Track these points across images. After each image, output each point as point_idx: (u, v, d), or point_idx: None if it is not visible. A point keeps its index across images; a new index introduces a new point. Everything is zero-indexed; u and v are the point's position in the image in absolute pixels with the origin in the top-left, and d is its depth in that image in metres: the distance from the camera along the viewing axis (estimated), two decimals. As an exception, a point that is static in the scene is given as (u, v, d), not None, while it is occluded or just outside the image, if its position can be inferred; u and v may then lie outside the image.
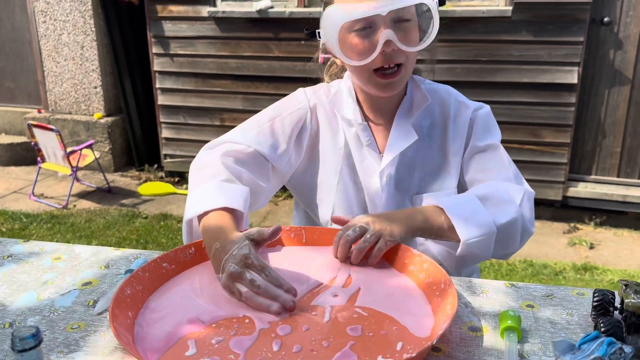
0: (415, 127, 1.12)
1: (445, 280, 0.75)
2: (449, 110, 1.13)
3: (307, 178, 1.19)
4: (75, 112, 4.91)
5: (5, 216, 3.70)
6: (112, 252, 1.00)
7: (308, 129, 1.16)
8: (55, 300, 0.82)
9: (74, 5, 4.59)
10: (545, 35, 3.50)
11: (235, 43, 4.12)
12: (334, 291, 0.80)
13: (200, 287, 0.82)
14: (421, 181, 1.13)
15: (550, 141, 3.70)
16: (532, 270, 3.14)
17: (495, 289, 0.85)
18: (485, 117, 1.14)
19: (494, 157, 1.11)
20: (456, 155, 1.12)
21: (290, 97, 1.20)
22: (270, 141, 1.12)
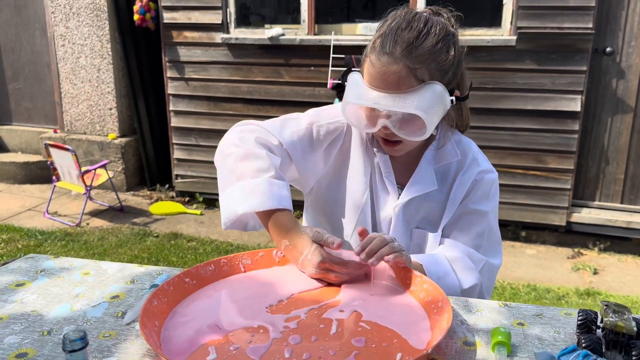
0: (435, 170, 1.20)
1: (443, 299, 0.83)
2: (464, 163, 1.20)
3: (331, 192, 1.26)
4: (90, 133, 5.05)
5: (21, 233, 3.80)
6: (136, 269, 1.08)
7: (339, 144, 1.23)
8: (87, 312, 0.90)
9: (92, 30, 4.76)
10: (548, 64, 3.60)
11: (247, 68, 4.25)
12: (341, 307, 0.88)
13: (219, 300, 0.90)
14: (423, 219, 1.21)
15: (555, 167, 3.77)
16: (535, 294, 3.18)
17: (490, 308, 0.92)
18: (489, 183, 1.20)
19: (476, 224, 1.19)
20: (453, 206, 1.19)
21: (332, 108, 1.26)
22: (302, 145, 1.20)
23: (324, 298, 0.91)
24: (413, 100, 1.03)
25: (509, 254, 3.77)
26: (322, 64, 3.97)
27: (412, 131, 1.08)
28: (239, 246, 3.77)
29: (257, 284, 0.96)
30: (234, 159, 1.12)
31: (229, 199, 1.08)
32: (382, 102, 1.05)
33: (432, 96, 1.04)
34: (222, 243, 3.82)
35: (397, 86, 1.04)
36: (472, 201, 1.19)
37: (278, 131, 1.19)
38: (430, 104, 1.04)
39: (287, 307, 0.88)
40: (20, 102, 5.45)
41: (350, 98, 1.09)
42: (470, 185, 1.18)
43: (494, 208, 1.21)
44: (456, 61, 1.11)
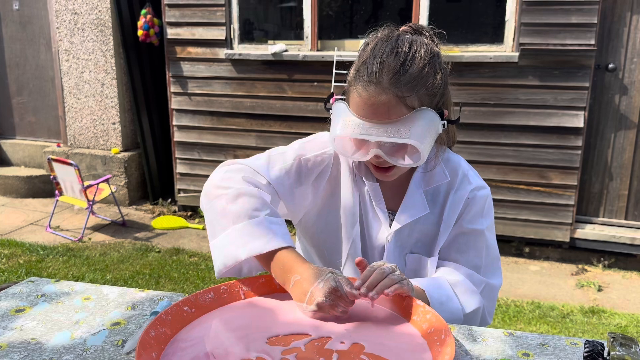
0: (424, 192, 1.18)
1: (445, 331, 0.82)
2: (454, 182, 1.17)
3: (320, 223, 1.24)
4: (93, 147, 5.06)
5: (23, 248, 3.80)
6: (137, 294, 1.07)
7: (327, 175, 1.20)
8: (87, 340, 0.89)
9: (97, 45, 4.80)
10: (551, 80, 3.61)
11: (251, 84, 4.27)
12: (341, 338, 0.87)
13: (217, 328, 0.89)
14: (417, 243, 1.19)
15: (558, 183, 3.76)
16: (540, 312, 3.16)
17: (495, 337, 0.91)
18: (482, 200, 1.17)
19: (473, 243, 1.17)
20: (447, 227, 1.17)
21: (317, 139, 1.23)
22: (289, 181, 1.17)
23: (324, 326, 0.90)
24: (405, 129, 1.01)
25: (512, 270, 3.75)
26: (325, 79, 3.99)
27: (405, 157, 1.07)
28: (241, 262, 3.75)
29: (257, 312, 0.95)
30: (225, 201, 1.07)
31: (225, 244, 1.03)
32: (373, 132, 1.02)
33: (424, 123, 1.02)
34: (224, 258, 3.80)
35: (387, 116, 1.02)
36: (467, 220, 1.16)
37: (265, 169, 1.17)
38: (423, 131, 1.02)
39: (286, 337, 0.86)
40: (24, 116, 5.48)
41: (339, 130, 1.06)
42: (463, 205, 1.16)
43: (490, 225, 1.19)
44: (443, 83, 1.08)
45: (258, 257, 1.04)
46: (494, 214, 1.22)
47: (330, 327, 0.90)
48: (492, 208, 1.20)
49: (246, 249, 1.00)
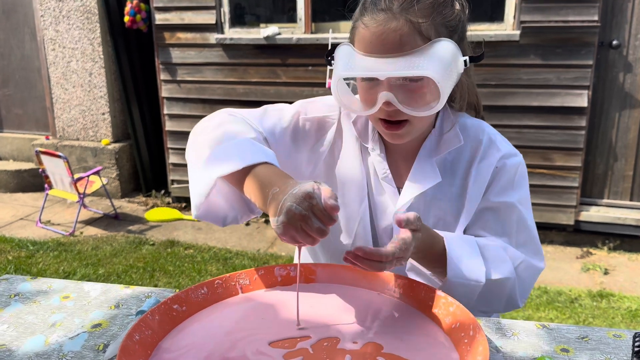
0: (438, 161, 1.02)
1: (474, 326, 0.71)
2: (478, 149, 1.01)
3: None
4: (83, 139, 4.92)
5: (12, 244, 3.67)
6: (122, 291, 0.96)
7: (328, 143, 1.05)
8: (64, 345, 0.78)
9: (83, 33, 4.64)
10: (553, 59, 3.49)
11: (243, 69, 4.13)
12: (353, 338, 0.76)
13: (212, 329, 0.78)
14: (437, 223, 1.03)
15: (561, 165, 3.66)
16: (547, 297, 3.07)
17: (527, 330, 0.80)
18: (513, 168, 1.01)
19: (504, 218, 1.00)
20: (473, 202, 1.00)
21: (322, 100, 1.08)
22: (284, 139, 1.03)
23: (333, 325, 0.79)
24: (422, 61, 0.84)
25: (516, 255, 3.66)
26: (320, 63, 3.85)
27: (421, 104, 0.90)
28: (238, 252, 3.65)
29: (257, 310, 0.84)
30: (206, 133, 0.94)
31: (201, 173, 0.89)
32: (382, 67, 0.86)
33: (444, 55, 0.86)
34: (220, 250, 3.70)
35: (399, 47, 0.85)
36: (495, 193, 0.99)
37: (258, 120, 1.02)
38: (442, 65, 0.85)
39: (292, 340, 0.75)
40: (10, 108, 5.32)
41: (341, 70, 0.90)
42: (491, 175, 0.99)
43: (522, 198, 1.01)
44: (463, 19, 0.93)
45: (236, 181, 0.87)
46: (528, 187, 1.04)
47: (340, 326, 0.79)
48: (525, 179, 1.03)
49: (220, 169, 0.85)
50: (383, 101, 0.89)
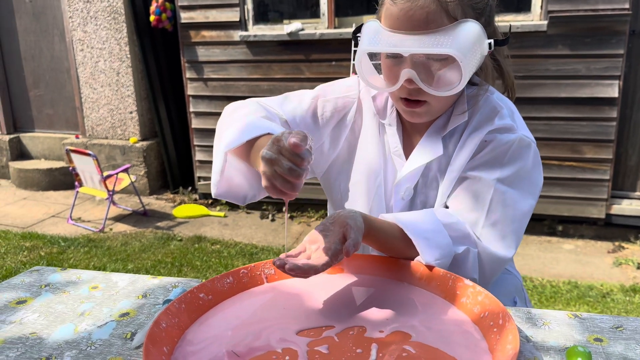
0: (446, 137, 1.00)
1: (504, 314, 0.69)
2: (472, 120, 0.97)
3: (342, 180, 1.09)
4: (111, 137, 5.01)
5: (44, 240, 3.76)
6: (150, 281, 0.97)
7: (349, 122, 1.05)
8: (93, 333, 0.79)
9: (110, 33, 4.72)
10: (582, 48, 3.41)
11: (267, 66, 4.14)
12: (380, 326, 0.75)
13: (237, 318, 0.78)
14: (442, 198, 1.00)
15: (592, 157, 3.58)
16: (578, 292, 3.01)
17: (558, 320, 0.78)
18: (503, 144, 0.93)
19: (477, 194, 0.93)
20: (453, 172, 0.97)
21: (341, 81, 1.09)
22: (305, 122, 1.04)
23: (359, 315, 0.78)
24: (446, 40, 0.84)
25: (545, 250, 3.59)
26: (344, 58, 3.84)
27: (442, 84, 0.89)
28: (263, 248, 3.67)
29: (282, 299, 0.84)
30: (222, 118, 1.00)
31: (215, 153, 0.95)
32: (407, 44, 0.85)
33: (469, 36, 0.85)
34: (246, 245, 3.72)
35: (425, 24, 0.85)
36: (473, 166, 0.94)
37: (279, 105, 1.05)
38: (466, 45, 0.85)
39: (318, 329, 0.75)
40: (41, 108, 5.45)
41: (366, 45, 0.90)
42: (477, 148, 0.94)
43: (507, 177, 0.92)
44: (491, 3, 0.92)
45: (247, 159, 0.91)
46: (528, 168, 0.95)
47: (366, 315, 0.78)
48: (521, 159, 0.93)
49: (226, 144, 0.89)
50: (405, 78, 0.89)
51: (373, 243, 0.90)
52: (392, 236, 0.89)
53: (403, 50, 0.87)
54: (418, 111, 0.95)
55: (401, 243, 0.89)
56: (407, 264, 0.88)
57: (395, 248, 0.90)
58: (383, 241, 0.90)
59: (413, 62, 0.89)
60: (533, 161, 0.96)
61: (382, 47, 0.89)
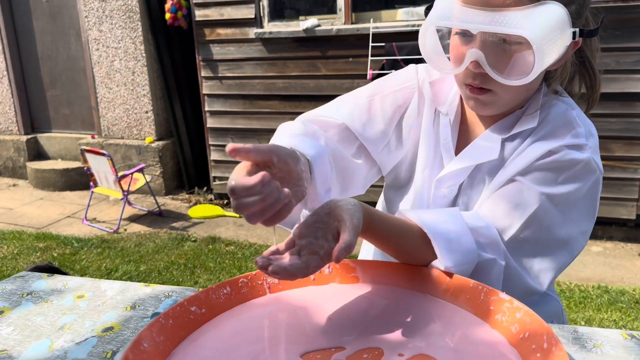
0: (507, 141, 0.89)
1: (549, 337, 0.57)
2: (541, 130, 0.85)
3: (401, 178, 1.00)
4: (127, 137, 4.96)
5: (58, 241, 3.72)
6: (141, 290, 0.87)
7: (412, 115, 0.96)
8: (69, 351, 0.70)
9: (125, 32, 4.67)
10: (612, 42, 3.24)
11: (282, 63, 4.05)
12: (400, 348, 0.63)
13: (231, 337, 0.67)
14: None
15: (622, 155, 3.40)
16: (609, 297, 2.85)
17: (612, 342, 0.66)
18: (570, 162, 0.81)
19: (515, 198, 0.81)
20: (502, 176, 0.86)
21: (398, 73, 1.01)
22: (364, 118, 0.95)
23: (375, 335, 0.67)
24: (522, 20, 0.73)
25: (573, 253, 3.43)
26: (361, 54, 3.72)
27: (511, 72, 0.79)
28: (279, 250, 3.57)
29: (286, 313, 0.73)
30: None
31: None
32: (477, 20, 0.75)
33: (549, 20, 0.74)
34: (261, 247, 3.63)
35: (501, 1, 0.75)
36: (525, 171, 0.82)
37: (334, 112, 0.96)
38: (545, 30, 0.73)
39: (327, 351, 0.64)
40: (58, 108, 5.43)
41: (433, 19, 0.81)
42: (539, 156, 0.82)
43: (556, 198, 0.80)
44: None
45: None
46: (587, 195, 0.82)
47: (383, 334, 0.67)
48: (579, 182, 0.81)
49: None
50: (471, 59, 0.79)
51: (373, 240, 0.78)
52: (399, 235, 0.77)
53: (471, 27, 0.76)
54: (482, 99, 0.84)
55: (412, 243, 0.77)
56: (431, 272, 0.76)
57: (402, 248, 0.78)
58: (384, 239, 0.78)
59: (482, 43, 0.78)
60: (590, 190, 0.83)
61: (449, 21, 0.79)
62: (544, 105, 0.87)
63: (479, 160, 0.88)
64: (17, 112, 5.45)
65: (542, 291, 0.82)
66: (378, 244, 0.79)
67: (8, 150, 5.47)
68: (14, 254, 3.50)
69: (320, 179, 0.78)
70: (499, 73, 0.79)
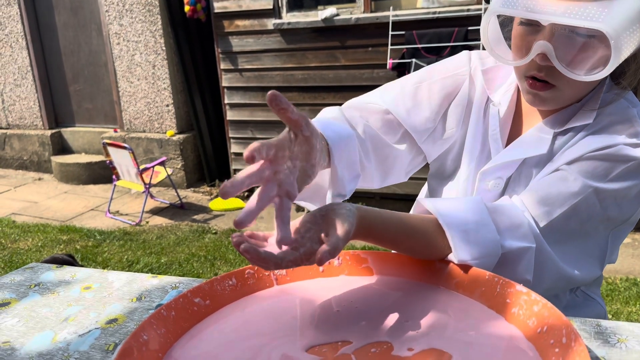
0: (559, 135, 0.84)
1: (569, 331, 0.53)
2: (596, 125, 0.80)
3: (448, 167, 0.97)
4: (149, 130, 5.00)
5: (81, 233, 3.77)
6: (148, 281, 0.86)
7: (462, 103, 0.92)
8: (72, 343, 0.68)
9: (145, 25, 4.69)
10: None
11: (301, 54, 4.01)
12: (410, 342, 0.60)
13: (235, 330, 0.65)
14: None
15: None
16: (637, 290, 2.76)
17: (637, 336, 0.62)
18: (624, 158, 0.75)
19: (558, 188, 0.76)
20: (550, 166, 0.82)
21: (449, 59, 0.96)
22: (409, 105, 0.91)
23: (384, 322, 0.64)
24: (598, 11, 0.67)
25: (600, 244, 3.33)
26: (381, 43, 3.67)
27: (582, 67, 0.73)
28: (299, 242, 3.56)
29: (293, 305, 0.70)
30: None
31: None
32: (548, 10, 0.69)
33: (627, 11, 0.68)
34: (281, 239, 3.62)
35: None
36: (574, 161, 0.77)
37: (379, 97, 0.92)
38: (622, 22, 0.67)
39: (333, 345, 0.61)
40: (81, 103, 5.50)
41: (497, 6, 0.75)
42: (592, 151, 0.77)
43: (604, 193, 0.76)
44: None
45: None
46: (636, 197, 0.77)
47: (393, 327, 0.64)
48: (630, 180, 0.76)
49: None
50: (538, 52, 0.74)
51: (380, 243, 0.73)
52: (409, 235, 0.72)
53: (542, 18, 0.71)
54: (543, 95, 0.79)
55: (426, 241, 0.72)
56: (444, 264, 0.73)
57: (415, 249, 0.73)
58: (392, 241, 0.73)
59: (552, 34, 0.73)
60: (638, 193, 0.78)
61: (518, 10, 0.73)
62: (603, 100, 0.81)
63: (526, 154, 0.84)
64: (42, 107, 5.54)
65: (578, 278, 0.78)
66: (388, 247, 0.75)
67: (33, 144, 5.56)
68: (38, 247, 3.55)
69: (342, 164, 0.74)
70: (569, 67, 0.73)
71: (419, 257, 0.75)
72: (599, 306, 0.96)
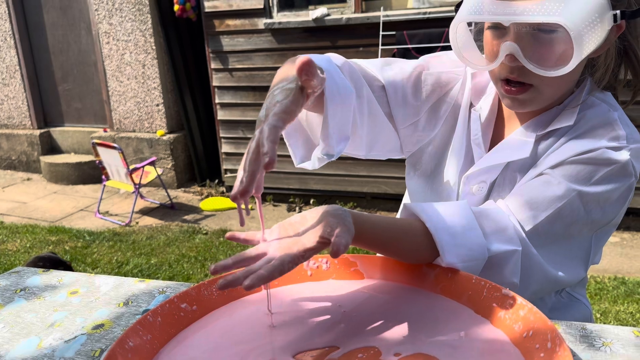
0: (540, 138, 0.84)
1: (553, 336, 0.54)
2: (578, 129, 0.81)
3: (430, 165, 0.97)
4: (139, 130, 4.97)
5: (70, 234, 3.74)
6: (135, 285, 0.85)
7: (451, 102, 0.93)
8: (57, 349, 0.68)
9: (135, 24, 4.66)
10: None
11: (292, 54, 4.00)
12: (397, 347, 0.60)
13: (221, 336, 0.65)
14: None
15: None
16: (625, 289, 2.79)
17: (622, 340, 0.62)
18: (606, 162, 0.76)
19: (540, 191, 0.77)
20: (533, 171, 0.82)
21: (447, 54, 0.96)
22: (405, 90, 0.92)
23: (371, 327, 0.64)
24: (554, 6, 0.69)
25: (589, 243, 3.36)
26: (371, 43, 3.67)
27: (550, 62, 0.74)
28: (290, 242, 3.56)
29: (279, 310, 0.70)
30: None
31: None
32: (508, 12, 0.72)
33: (585, 3, 0.70)
34: (272, 239, 3.61)
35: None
36: (557, 165, 0.78)
37: (379, 69, 0.91)
38: (581, 14, 0.70)
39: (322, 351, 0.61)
40: (70, 102, 5.46)
41: (464, 13, 0.77)
42: (574, 155, 0.78)
43: (587, 197, 0.76)
44: None
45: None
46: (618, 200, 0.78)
47: (379, 332, 0.64)
48: (611, 184, 0.77)
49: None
50: (506, 53, 0.75)
51: (368, 247, 0.73)
52: (397, 238, 0.72)
53: (502, 19, 0.73)
54: (522, 98, 0.80)
55: (414, 244, 0.73)
56: (432, 268, 0.73)
57: (403, 252, 0.74)
58: (381, 245, 0.73)
59: (517, 35, 0.75)
60: (622, 195, 0.79)
61: (480, 15, 0.74)
62: (584, 104, 0.82)
63: (509, 158, 0.84)
64: (30, 106, 5.49)
65: (564, 280, 0.78)
66: (376, 251, 0.75)
67: (22, 144, 5.51)
68: (26, 248, 3.52)
69: (335, 120, 0.72)
70: (537, 64, 0.75)
71: (407, 261, 0.75)
72: (585, 307, 0.97)
